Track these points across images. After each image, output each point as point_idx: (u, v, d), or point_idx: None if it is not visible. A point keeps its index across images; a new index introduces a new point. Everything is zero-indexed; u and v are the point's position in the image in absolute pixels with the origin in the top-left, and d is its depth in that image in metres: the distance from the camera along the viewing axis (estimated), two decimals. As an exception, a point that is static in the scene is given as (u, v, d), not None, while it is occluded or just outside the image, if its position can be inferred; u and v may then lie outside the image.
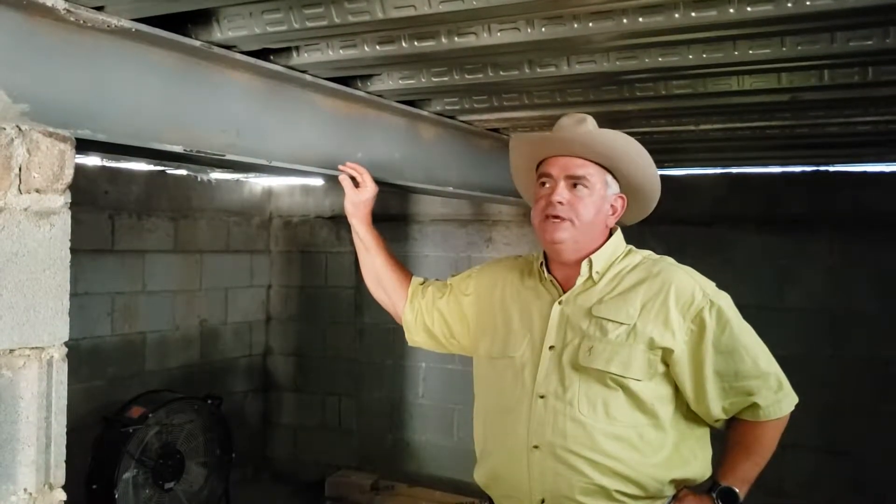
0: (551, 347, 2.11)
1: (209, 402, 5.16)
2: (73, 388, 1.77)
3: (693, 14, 1.92)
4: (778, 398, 2.17)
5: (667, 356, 2.07)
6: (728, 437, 2.22)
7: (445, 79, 2.64)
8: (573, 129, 2.16)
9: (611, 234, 2.23)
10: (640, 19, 1.96)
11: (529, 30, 2.08)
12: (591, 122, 2.20)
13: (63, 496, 1.73)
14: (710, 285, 2.15)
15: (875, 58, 2.30)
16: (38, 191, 1.65)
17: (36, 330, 1.66)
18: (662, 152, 4.44)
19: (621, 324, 2.07)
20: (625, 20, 1.97)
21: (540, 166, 2.20)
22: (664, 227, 5.28)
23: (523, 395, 2.11)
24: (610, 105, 2.99)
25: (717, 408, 2.12)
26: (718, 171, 5.17)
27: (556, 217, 2.09)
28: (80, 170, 1.73)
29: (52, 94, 1.78)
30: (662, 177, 2.29)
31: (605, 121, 3.28)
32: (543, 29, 2.06)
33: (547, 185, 2.14)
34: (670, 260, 2.24)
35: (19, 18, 1.71)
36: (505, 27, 2.10)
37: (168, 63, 2.06)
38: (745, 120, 3.30)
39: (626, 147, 2.17)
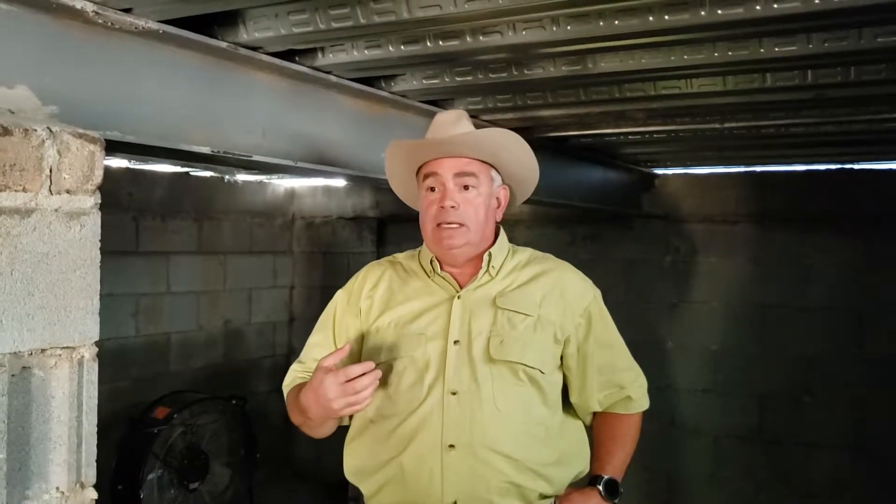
0: (456, 342, 2.04)
1: (233, 402, 5.18)
2: (97, 389, 1.78)
3: (719, 11, 1.91)
4: (644, 391, 2.26)
5: (564, 349, 2.11)
6: (599, 430, 2.25)
7: (469, 78, 2.65)
8: (452, 129, 2.09)
9: (497, 231, 2.19)
10: (666, 17, 1.95)
11: (555, 28, 2.08)
12: (467, 118, 2.15)
13: (94, 495, 1.74)
14: (590, 281, 2.22)
15: (904, 54, 2.28)
16: (68, 192, 1.66)
17: (67, 330, 1.67)
18: (687, 150, 4.43)
19: (528, 315, 2.06)
20: (650, 18, 1.96)
21: (422, 169, 2.12)
22: (689, 226, 5.30)
23: (432, 392, 2.02)
24: (634, 103, 2.99)
25: (594, 400, 2.17)
26: (742, 169, 5.14)
27: (450, 223, 2.04)
28: (104, 172, 1.74)
29: (82, 96, 1.80)
30: (687, 175, 2.28)
31: (628, 119, 3.30)
32: (569, 27, 2.06)
33: (436, 190, 2.07)
34: (553, 256, 2.26)
35: (48, 21, 1.73)
36: (530, 26, 2.10)
37: (195, 64, 2.08)
38: (769, 118, 3.28)
39: (507, 143, 2.12)
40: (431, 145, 2.07)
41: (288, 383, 2.23)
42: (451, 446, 1.98)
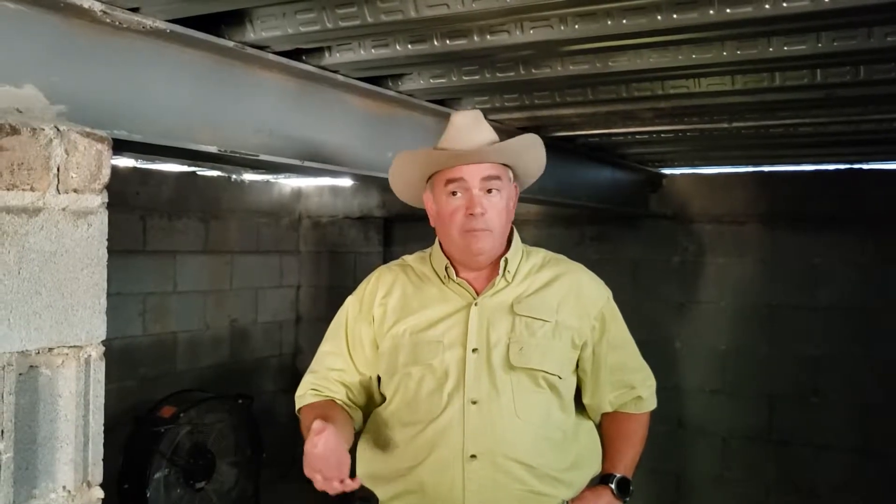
0: (475, 350, 2.02)
1: (240, 401, 5.18)
2: (104, 388, 1.78)
3: (728, 10, 1.90)
4: (653, 391, 2.27)
5: (580, 352, 2.11)
6: (609, 430, 2.24)
7: (476, 77, 2.64)
8: (475, 133, 2.06)
9: (510, 232, 2.17)
10: (675, 16, 1.94)
11: (563, 27, 2.07)
12: (483, 118, 2.12)
13: (101, 494, 1.74)
14: (602, 282, 2.22)
15: (914, 53, 2.27)
16: (75, 191, 1.66)
17: (74, 329, 1.67)
18: (695, 150, 4.42)
19: (546, 321, 2.05)
20: (659, 16, 1.95)
21: (442, 174, 2.06)
22: (697, 226, 5.28)
23: (452, 401, 2.00)
24: (642, 103, 2.98)
25: (606, 401, 2.18)
26: (751, 169, 5.13)
27: (479, 230, 2.01)
28: (111, 171, 1.74)
29: (89, 95, 1.79)
30: (695, 175, 2.27)
31: (636, 118, 3.29)
32: (577, 26, 2.05)
33: (458, 195, 2.03)
34: (565, 258, 2.24)
35: (56, 21, 1.73)
36: (538, 25, 2.09)
37: (202, 63, 2.07)
38: (778, 117, 3.27)
39: (531, 146, 2.13)
40: (461, 156, 2.03)
41: (301, 394, 2.21)
42: (473, 456, 1.97)
